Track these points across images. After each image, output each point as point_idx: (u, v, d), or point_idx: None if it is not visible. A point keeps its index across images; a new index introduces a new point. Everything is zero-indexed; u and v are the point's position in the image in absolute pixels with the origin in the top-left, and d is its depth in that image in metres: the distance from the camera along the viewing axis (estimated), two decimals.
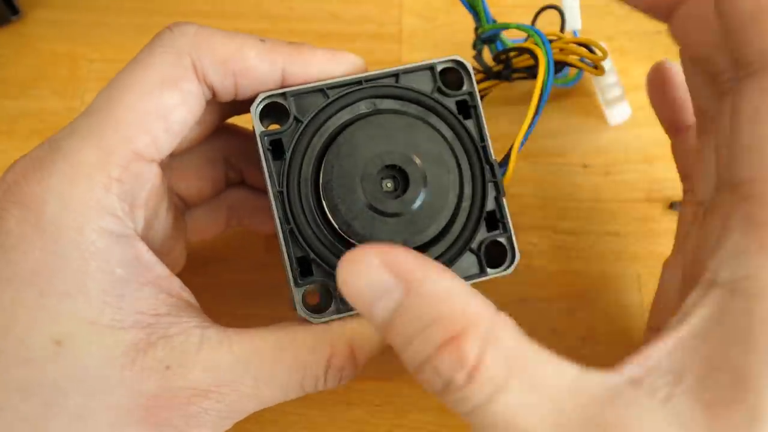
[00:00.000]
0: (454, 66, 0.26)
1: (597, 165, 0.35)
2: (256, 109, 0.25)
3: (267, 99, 0.25)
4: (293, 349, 0.23)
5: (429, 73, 0.26)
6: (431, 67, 0.26)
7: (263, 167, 0.24)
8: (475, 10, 0.31)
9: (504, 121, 0.35)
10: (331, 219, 0.24)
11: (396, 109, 0.25)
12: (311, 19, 0.38)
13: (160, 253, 0.24)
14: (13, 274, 0.21)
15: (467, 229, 0.25)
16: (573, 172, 0.34)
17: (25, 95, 0.36)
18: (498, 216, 0.26)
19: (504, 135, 0.35)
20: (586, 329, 0.31)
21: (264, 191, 0.25)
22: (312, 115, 0.25)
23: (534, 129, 0.29)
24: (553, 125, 0.35)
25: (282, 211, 0.24)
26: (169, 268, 0.23)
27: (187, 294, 0.24)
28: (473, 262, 0.25)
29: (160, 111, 0.23)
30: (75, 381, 0.21)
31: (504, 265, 0.25)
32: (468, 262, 0.25)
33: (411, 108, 0.26)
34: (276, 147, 0.25)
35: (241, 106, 0.26)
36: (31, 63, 0.37)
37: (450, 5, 0.38)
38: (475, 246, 0.25)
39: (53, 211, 0.21)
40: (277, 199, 0.24)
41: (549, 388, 0.18)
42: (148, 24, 0.38)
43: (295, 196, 0.24)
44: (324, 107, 0.25)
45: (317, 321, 0.24)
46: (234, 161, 0.30)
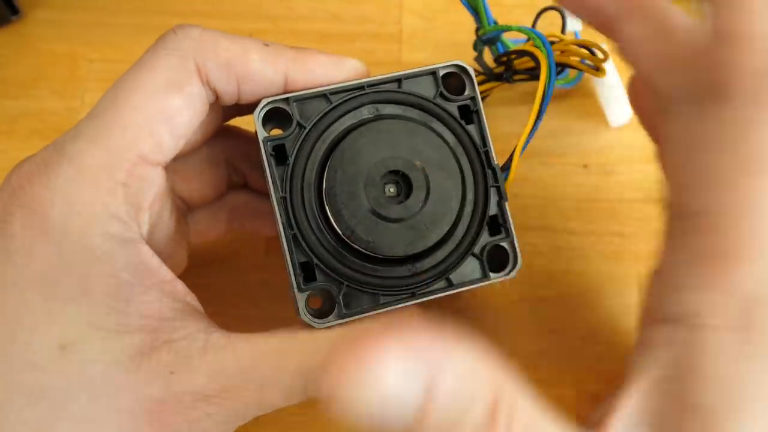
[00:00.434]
0: (456, 71, 0.26)
1: (597, 165, 0.35)
2: (259, 115, 0.25)
3: (270, 104, 0.25)
4: (296, 354, 0.23)
5: (431, 78, 0.26)
6: (433, 72, 0.26)
7: (266, 172, 0.24)
8: (476, 11, 0.31)
9: (504, 121, 0.35)
10: (335, 224, 0.24)
11: (398, 115, 0.26)
12: (311, 19, 0.38)
13: (163, 256, 0.24)
14: (19, 277, 0.21)
15: (470, 234, 0.26)
16: (573, 172, 0.34)
17: (25, 95, 0.36)
18: (500, 221, 0.26)
19: (504, 135, 0.35)
20: (586, 329, 0.31)
21: (266, 195, 0.25)
22: (315, 121, 0.25)
23: (549, 96, 0.28)
24: (553, 125, 0.35)
25: (285, 216, 0.24)
26: (172, 270, 0.23)
27: (192, 298, 0.24)
28: (476, 266, 0.26)
29: (165, 114, 0.23)
30: (80, 385, 0.20)
31: (507, 270, 0.26)
32: (471, 266, 0.25)
33: (413, 113, 0.26)
34: (279, 152, 0.25)
35: (243, 108, 0.26)
36: (31, 63, 0.37)
37: (450, 5, 0.38)
38: (478, 250, 0.26)
39: (58, 215, 0.21)
40: (281, 205, 0.24)
41: None
42: (147, 24, 0.38)
43: (298, 201, 0.24)
44: (327, 112, 0.25)
45: (320, 326, 0.24)
46: (236, 164, 0.30)
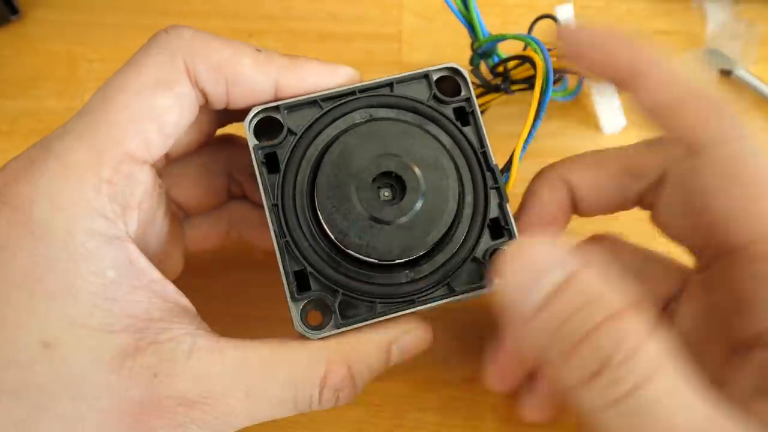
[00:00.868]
0: (449, 74, 0.26)
1: None
2: (249, 123, 0.24)
3: (261, 113, 0.24)
4: (287, 364, 0.22)
5: (424, 81, 0.26)
6: (426, 75, 0.26)
7: (258, 180, 0.24)
8: (470, 23, 0.31)
9: (504, 121, 0.35)
10: (327, 229, 0.24)
11: (391, 118, 0.25)
12: (310, 19, 0.38)
13: (155, 259, 0.23)
14: (2, 275, 0.20)
15: (470, 238, 0.25)
16: None
17: (25, 95, 0.36)
18: (502, 223, 0.25)
19: (504, 135, 0.35)
20: None
21: (261, 205, 0.25)
22: (306, 127, 0.25)
23: (547, 99, 0.28)
24: (553, 125, 0.35)
25: (277, 224, 0.24)
26: (165, 274, 0.23)
27: (183, 299, 0.23)
28: (478, 271, 0.25)
29: (152, 112, 0.22)
30: (63, 384, 0.20)
31: None
32: (472, 271, 0.24)
33: (407, 116, 0.25)
34: (270, 160, 0.24)
35: (237, 114, 0.26)
36: (31, 63, 0.37)
37: None
38: (480, 255, 0.25)
39: (42, 212, 0.21)
40: (272, 212, 0.24)
41: (696, 393, 0.17)
42: (147, 24, 0.38)
43: (291, 209, 0.24)
44: (318, 119, 0.25)
45: (315, 337, 0.23)
46: (236, 175, 0.30)
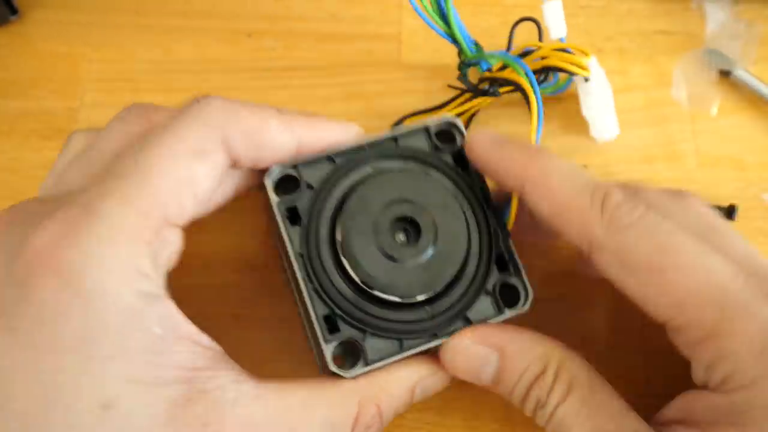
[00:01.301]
0: (445, 127, 0.28)
1: (597, 165, 0.35)
2: (270, 182, 0.26)
3: (280, 172, 0.26)
4: (324, 406, 0.24)
5: (424, 134, 0.28)
6: (426, 129, 0.28)
7: (282, 232, 0.26)
8: (455, 40, 0.32)
9: (504, 121, 0.35)
10: (352, 273, 0.25)
11: (399, 168, 0.27)
12: (310, 19, 0.38)
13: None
14: (54, 343, 0.20)
15: (480, 273, 0.27)
16: None
17: (25, 95, 0.36)
18: (506, 257, 0.27)
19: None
20: (586, 329, 0.31)
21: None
22: (323, 181, 0.27)
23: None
24: (553, 126, 0.35)
25: (305, 272, 0.25)
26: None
27: (217, 346, 0.24)
28: (490, 303, 0.27)
29: (191, 180, 0.23)
30: None
31: (519, 304, 0.27)
32: (485, 303, 0.26)
33: (412, 165, 0.28)
34: (292, 213, 0.26)
35: (259, 172, 0.27)
36: (31, 63, 0.37)
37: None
38: (490, 288, 0.27)
39: (93, 277, 0.21)
40: (299, 261, 0.25)
41: (604, 407, 0.24)
42: (148, 24, 0.38)
43: (315, 256, 0.26)
44: (333, 172, 0.27)
45: (349, 376, 0.24)
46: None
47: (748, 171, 0.34)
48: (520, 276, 0.27)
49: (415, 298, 0.26)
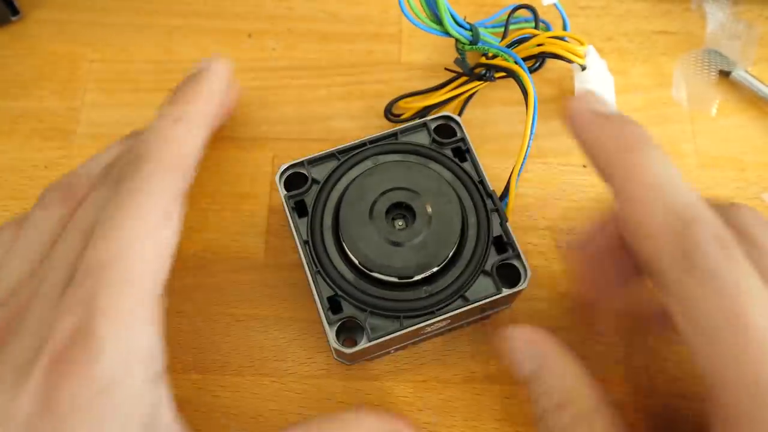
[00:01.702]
0: (444, 122, 0.31)
1: None
2: (280, 178, 0.29)
3: (289, 169, 0.30)
4: None
5: (424, 129, 0.31)
6: (425, 124, 0.31)
7: (290, 223, 0.28)
8: (449, 34, 0.32)
9: (504, 121, 0.35)
10: (352, 256, 0.27)
11: (397, 160, 0.30)
12: (311, 20, 0.38)
13: None
14: None
15: (477, 254, 0.28)
16: (573, 172, 0.34)
17: (25, 95, 0.36)
18: (505, 239, 0.29)
19: (504, 135, 0.35)
20: (586, 329, 0.31)
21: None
22: (327, 176, 0.29)
23: (533, 134, 0.30)
24: (553, 126, 0.35)
25: (309, 258, 0.28)
26: None
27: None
28: (489, 282, 0.28)
29: (167, 249, 0.23)
30: None
31: (519, 283, 0.28)
32: (484, 283, 0.28)
33: (411, 158, 0.30)
34: (299, 206, 0.29)
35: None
36: (31, 63, 0.37)
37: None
38: (489, 268, 0.28)
39: (111, 363, 0.21)
40: (304, 248, 0.28)
41: None
42: (147, 24, 0.38)
43: (320, 244, 0.28)
44: (336, 168, 0.30)
45: (350, 351, 0.26)
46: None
47: (747, 171, 0.34)
48: (518, 256, 0.28)
49: (412, 278, 0.27)
